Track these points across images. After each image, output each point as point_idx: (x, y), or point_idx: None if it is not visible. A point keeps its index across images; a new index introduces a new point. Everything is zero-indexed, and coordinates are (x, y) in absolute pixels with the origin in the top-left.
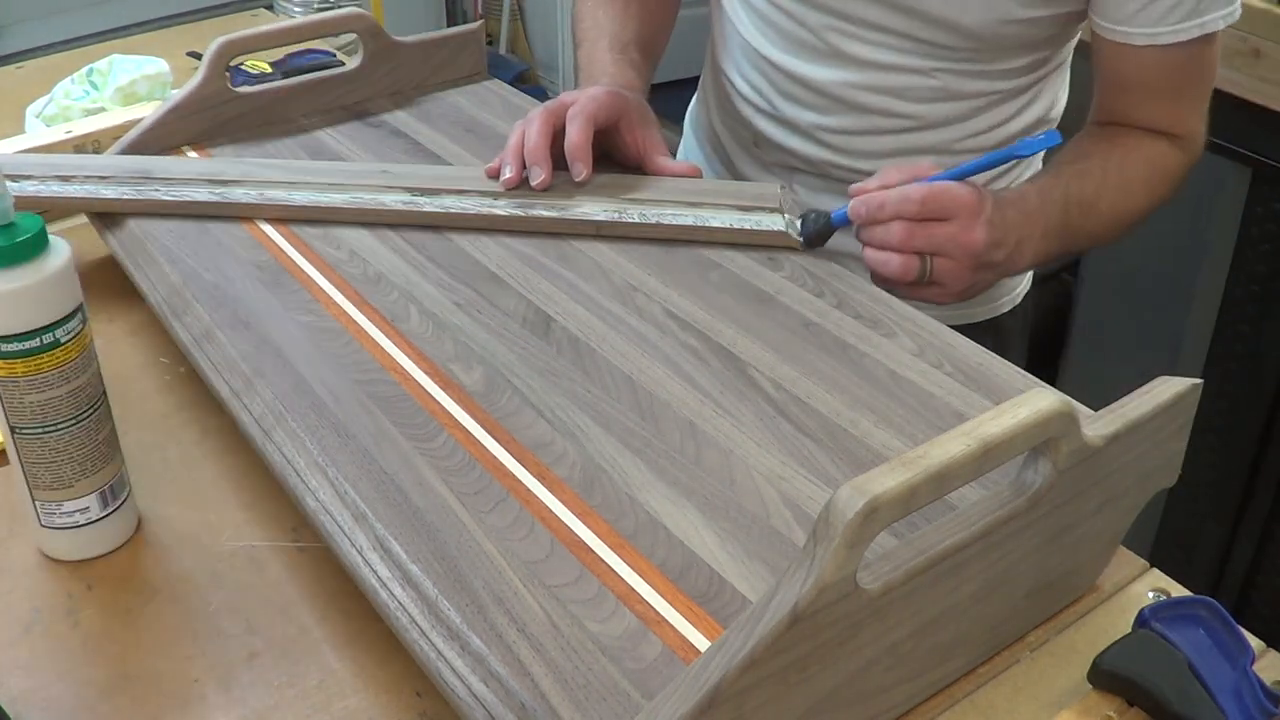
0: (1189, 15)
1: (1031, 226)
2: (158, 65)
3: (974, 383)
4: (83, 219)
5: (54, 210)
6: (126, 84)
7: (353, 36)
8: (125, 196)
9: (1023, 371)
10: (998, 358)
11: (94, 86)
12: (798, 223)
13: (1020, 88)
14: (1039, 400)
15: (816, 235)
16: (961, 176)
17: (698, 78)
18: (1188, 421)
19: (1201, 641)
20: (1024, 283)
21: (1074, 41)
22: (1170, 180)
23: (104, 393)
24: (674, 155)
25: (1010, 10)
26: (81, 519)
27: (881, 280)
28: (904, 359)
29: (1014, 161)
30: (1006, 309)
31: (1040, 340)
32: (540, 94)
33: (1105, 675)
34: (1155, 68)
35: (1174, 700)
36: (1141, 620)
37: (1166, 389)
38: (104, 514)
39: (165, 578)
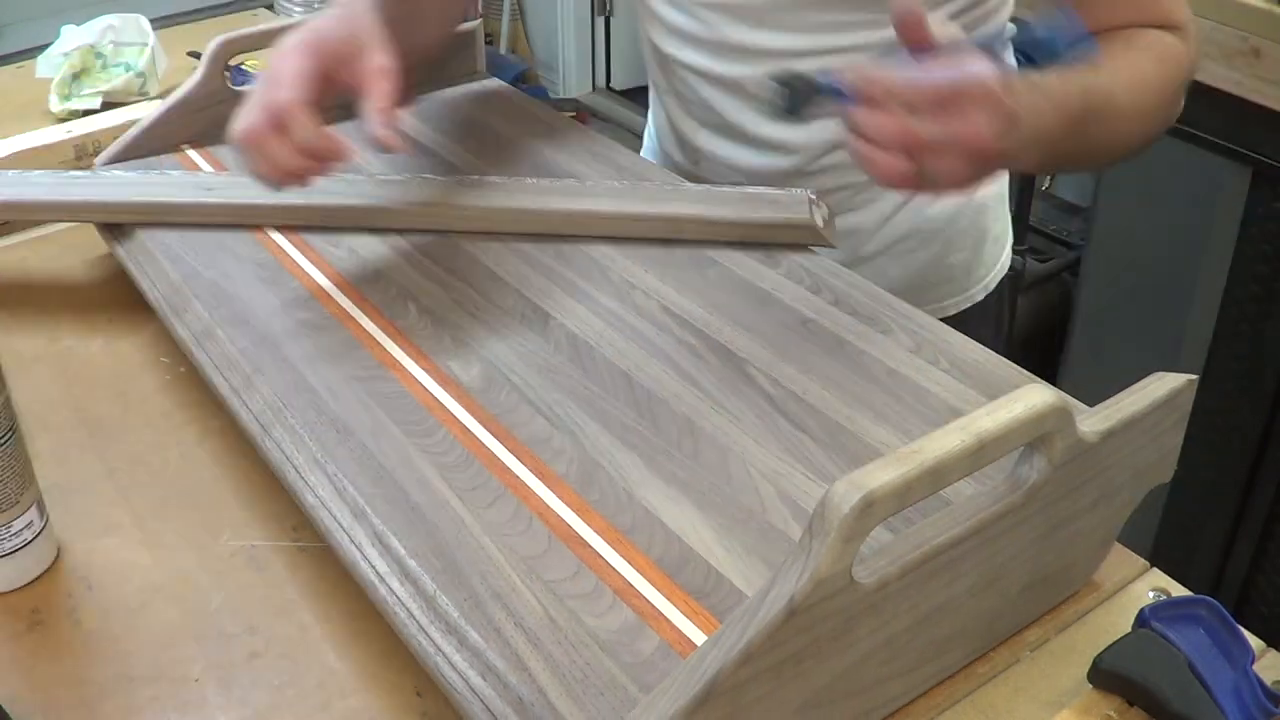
0: None
1: (1048, 115)
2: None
3: (970, 379)
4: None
5: (58, 214)
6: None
7: None
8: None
9: (1019, 368)
10: (995, 355)
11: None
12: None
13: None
14: (1034, 396)
15: (801, 103)
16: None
17: None
18: (1183, 417)
19: (1201, 641)
20: (997, 268)
21: None
22: (1181, 70)
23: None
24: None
25: None
26: (29, 535)
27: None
28: (901, 355)
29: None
30: (979, 298)
31: (1040, 339)
32: (541, 94)
33: (1105, 675)
34: None
35: (1174, 700)
36: (1141, 620)
37: (1161, 385)
38: (43, 526)
39: (165, 578)
